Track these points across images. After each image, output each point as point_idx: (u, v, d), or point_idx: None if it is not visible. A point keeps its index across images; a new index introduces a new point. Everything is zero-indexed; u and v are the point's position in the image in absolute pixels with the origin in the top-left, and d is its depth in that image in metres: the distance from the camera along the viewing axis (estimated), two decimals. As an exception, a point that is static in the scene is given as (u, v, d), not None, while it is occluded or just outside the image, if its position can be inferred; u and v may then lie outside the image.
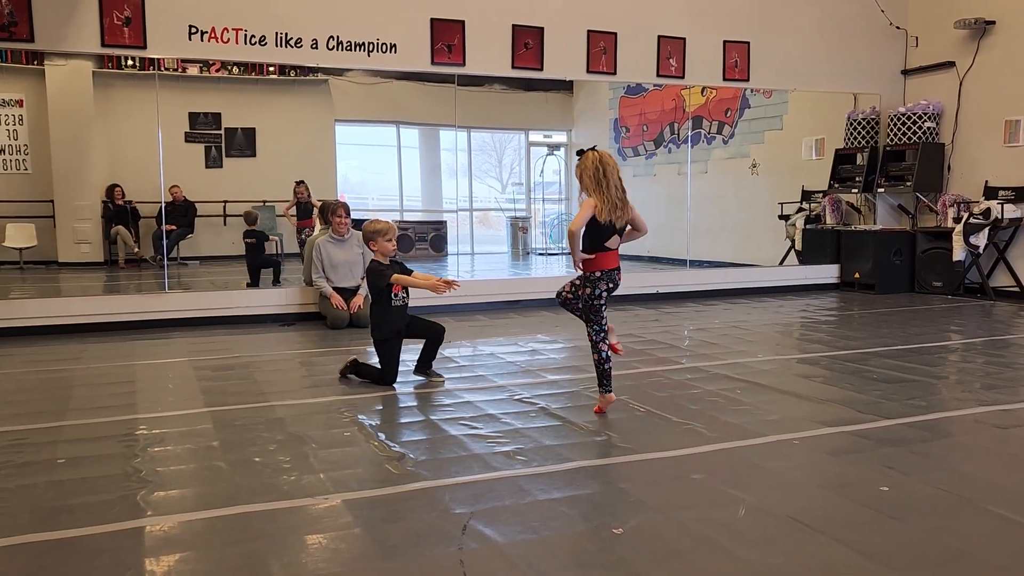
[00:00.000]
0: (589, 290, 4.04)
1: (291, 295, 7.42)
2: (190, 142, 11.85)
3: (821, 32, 9.32)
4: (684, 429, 3.76)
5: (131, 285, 9.90)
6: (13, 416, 4.07)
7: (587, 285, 4.05)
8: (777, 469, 3.21)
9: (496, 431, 3.76)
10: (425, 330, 4.80)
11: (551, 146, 14.56)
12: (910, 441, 3.57)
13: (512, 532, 2.60)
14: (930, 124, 9.29)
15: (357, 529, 2.64)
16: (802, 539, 2.55)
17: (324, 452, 3.44)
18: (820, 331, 6.76)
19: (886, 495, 2.92)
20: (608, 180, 3.91)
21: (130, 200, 10.93)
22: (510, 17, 7.90)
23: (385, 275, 4.61)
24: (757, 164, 11.22)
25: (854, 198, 9.97)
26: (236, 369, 5.23)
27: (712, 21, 8.77)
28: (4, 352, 5.85)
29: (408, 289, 4.77)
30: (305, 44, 7.22)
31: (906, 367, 5.14)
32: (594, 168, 3.94)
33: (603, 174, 3.92)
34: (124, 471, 3.20)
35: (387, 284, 4.61)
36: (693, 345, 6.05)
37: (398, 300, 4.70)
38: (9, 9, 6.31)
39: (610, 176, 3.92)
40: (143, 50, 6.78)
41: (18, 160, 11.20)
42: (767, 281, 9.47)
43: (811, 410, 4.12)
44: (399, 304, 4.72)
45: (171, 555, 2.45)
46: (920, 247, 9.30)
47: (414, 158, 13.78)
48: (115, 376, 5.04)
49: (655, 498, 2.89)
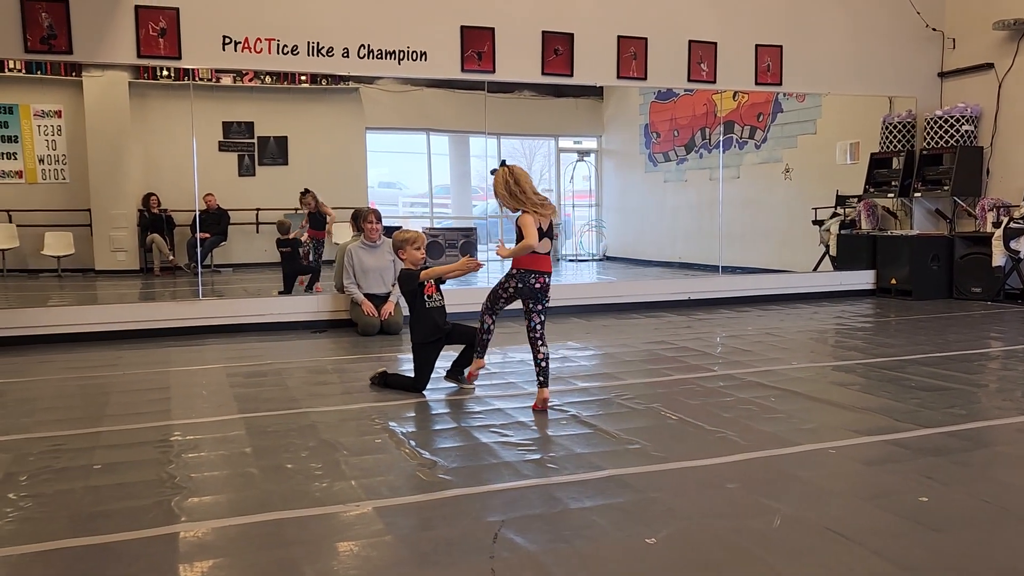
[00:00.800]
0: (502, 280, 4.37)
1: (322, 302, 7.47)
2: (224, 151, 12.02)
3: (855, 35, 9.21)
4: (717, 437, 3.72)
5: (166, 292, 10.04)
6: (52, 422, 4.14)
7: (504, 277, 4.37)
8: (813, 479, 3.15)
9: (527, 439, 3.74)
10: (466, 336, 4.78)
11: (581, 152, 14.53)
12: (950, 451, 3.49)
13: (544, 541, 2.58)
14: (968, 127, 9.13)
15: (389, 536, 2.64)
16: (839, 551, 2.50)
17: (356, 459, 3.45)
18: (856, 338, 6.66)
19: (926, 506, 2.85)
20: (522, 187, 4.15)
21: (165, 208, 11.10)
22: (540, 24, 7.90)
23: (413, 276, 4.61)
24: (790, 169, 11.10)
25: (890, 203, 9.82)
26: (268, 376, 5.27)
27: (744, 25, 8.70)
28: (43, 358, 5.96)
29: (442, 290, 4.77)
30: (336, 53, 7.29)
31: (945, 375, 5.04)
32: (504, 182, 4.17)
33: (515, 183, 4.16)
34: (159, 477, 3.23)
35: (419, 284, 4.61)
36: (726, 352, 5.98)
37: (433, 302, 4.69)
38: (48, 22, 6.44)
39: (523, 184, 4.16)
40: (178, 61, 6.88)
41: (57, 170, 11.43)
42: (801, 287, 9.35)
43: (847, 419, 4.06)
44: (435, 305, 4.70)
45: (205, 561, 2.47)
46: (958, 252, 9.13)
47: (444, 165, 13.84)
48: (150, 382, 5.10)
49: (688, 508, 2.85)
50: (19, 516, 2.83)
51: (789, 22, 8.91)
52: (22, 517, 2.82)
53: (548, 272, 4.30)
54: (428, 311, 4.67)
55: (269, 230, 11.63)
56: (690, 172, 12.78)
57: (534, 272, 4.24)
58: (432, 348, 4.71)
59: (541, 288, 4.27)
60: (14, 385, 5.14)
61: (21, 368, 5.63)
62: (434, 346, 4.73)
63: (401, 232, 4.87)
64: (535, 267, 4.24)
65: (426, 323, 4.67)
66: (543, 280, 4.27)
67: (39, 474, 3.28)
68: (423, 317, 4.67)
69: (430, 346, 4.70)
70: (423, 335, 4.68)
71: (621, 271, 12.80)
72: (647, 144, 13.67)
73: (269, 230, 11.63)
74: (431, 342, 4.70)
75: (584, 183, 14.42)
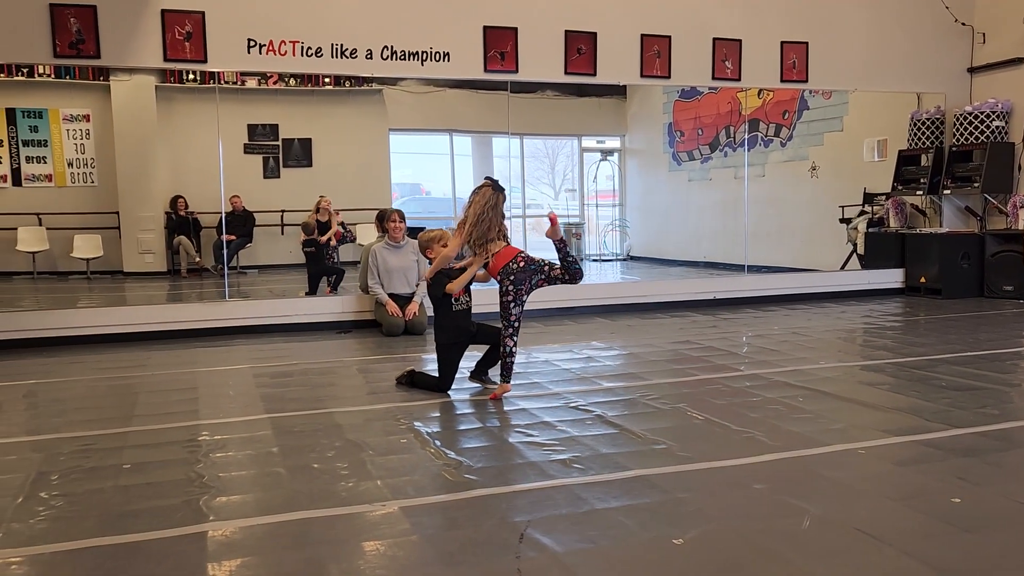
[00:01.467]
0: (501, 294, 4.56)
1: (347, 303, 7.50)
2: (249, 153, 12.11)
3: (883, 30, 9.10)
4: (744, 437, 3.68)
5: (193, 294, 10.13)
6: (83, 422, 4.19)
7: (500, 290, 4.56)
8: (842, 479, 3.11)
9: (552, 439, 3.73)
10: (491, 337, 4.77)
11: (604, 151, 14.48)
12: (983, 451, 3.43)
13: (570, 541, 2.57)
14: (999, 123, 8.99)
15: (415, 536, 2.64)
16: (870, 552, 2.46)
17: (381, 459, 3.46)
18: (884, 337, 6.57)
19: (958, 507, 2.81)
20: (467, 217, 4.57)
21: (192, 211, 11.21)
22: (563, 23, 7.88)
23: (442, 283, 4.61)
24: (817, 167, 10.99)
25: (919, 200, 9.69)
26: (294, 376, 5.30)
27: (769, 21, 8.62)
28: (74, 359, 6.03)
29: (470, 291, 4.77)
30: (360, 55, 7.31)
31: (976, 374, 4.96)
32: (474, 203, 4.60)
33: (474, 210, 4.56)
34: (187, 476, 3.26)
35: (443, 293, 4.61)
36: (752, 352, 5.93)
37: (459, 305, 4.69)
38: (77, 27, 6.53)
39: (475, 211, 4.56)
40: (204, 64, 6.94)
41: (85, 173, 11.58)
42: (828, 286, 9.25)
43: (877, 419, 4.00)
44: (461, 308, 4.69)
45: (233, 560, 2.48)
46: (989, 250, 8.99)
47: (467, 165, 13.85)
48: (178, 383, 5.15)
49: (716, 508, 2.83)
50: (50, 515, 2.87)
51: (815, 18, 8.81)
52: (53, 516, 2.86)
53: (518, 252, 4.53)
54: (454, 314, 4.66)
55: (293, 232, 11.71)
56: (715, 171, 12.69)
57: (509, 261, 4.47)
58: (456, 349, 4.72)
59: (526, 263, 4.49)
60: (45, 385, 5.21)
61: (52, 369, 5.71)
62: (458, 348, 4.73)
63: (426, 232, 4.89)
64: (507, 260, 4.47)
65: (451, 326, 4.67)
66: (521, 259, 4.50)
67: (70, 473, 3.32)
68: (449, 320, 4.67)
69: (454, 347, 4.70)
70: (448, 337, 4.68)
71: (645, 271, 12.74)
72: (671, 143, 13.59)
73: (293, 232, 11.71)
74: (455, 343, 4.70)
75: (607, 183, 14.36)
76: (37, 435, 4.01)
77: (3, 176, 11.35)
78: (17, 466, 3.44)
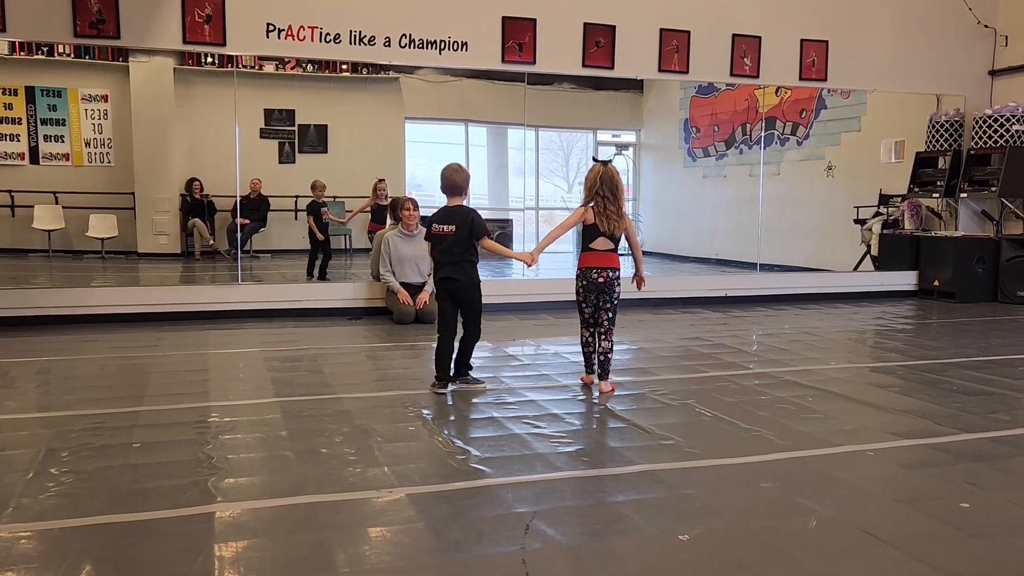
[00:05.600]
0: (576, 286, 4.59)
1: (359, 289, 7.52)
2: (265, 138, 12.15)
3: (904, 31, 9.02)
4: (753, 436, 3.67)
5: (206, 276, 10.18)
6: (94, 400, 4.22)
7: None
8: (850, 480, 3.10)
9: (560, 431, 3.74)
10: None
11: (620, 146, 14.44)
12: (993, 456, 3.42)
13: (575, 534, 2.57)
14: (1019, 127, 8.90)
15: (420, 524, 2.65)
16: (877, 554, 2.46)
17: (389, 445, 3.47)
18: (896, 339, 6.54)
19: (967, 512, 2.80)
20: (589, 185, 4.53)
21: (207, 194, 11.25)
22: (582, 15, 7.85)
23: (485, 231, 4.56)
24: (833, 166, 10.93)
25: (935, 203, 9.62)
26: (304, 361, 5.32)
27: (789, 19, 8.56)
28: (87, 338, 6.08)
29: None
30: (378, 42, 7.31)
31: (988, 379, 4.92)
32: (591, 177, 4.56)
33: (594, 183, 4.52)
34: (196, 457, 3.28)
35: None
36: (762, 350, 5.91)
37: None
38: (98, 7, 6.55)
39: (593, 185, 4.51)
40: (223, 47, 6.95)
41: (102, 153, 11.65)
42: (841, 287, 9.21)
43: (886, 421, 3.99)
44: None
45: (240, 541, 2.50)
46: (1004, 255, 8.92)
47: (482, 156, 13.84)
48: (190, 364, 5.18)
49: (722, 505, 2.82)
50: (60, 491, 2.89)
51: (836, 17, 8.74)
52: (63, 492, 2.88)
53: (610, 267, 4.46)
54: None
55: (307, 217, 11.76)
56: (729, 168, 12.64)
57: (595, 268, 4.45)
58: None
59: (605, 283, 4.44)
60: (58, 363, 5.25)
61: (65, 346, 5.75)
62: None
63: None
64: (593, 264, 4.46)
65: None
66: (606, 275, 4.44)
67: (80, 451, 3.35)
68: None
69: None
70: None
71: (657, 266, 12.70)
72: (686, 139, 13.54)
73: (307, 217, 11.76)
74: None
75: (622, 177, 14.34)
76: (49, 412, 4.04)
77: (21, 154, 11.43)
78: (28, 442, 3.47)
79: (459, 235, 4.44)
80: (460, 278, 4.48)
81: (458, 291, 4.50)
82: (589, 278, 4.46)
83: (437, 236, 4.51)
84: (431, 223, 4.55)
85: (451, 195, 4.54)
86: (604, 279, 4.44)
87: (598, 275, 4.44)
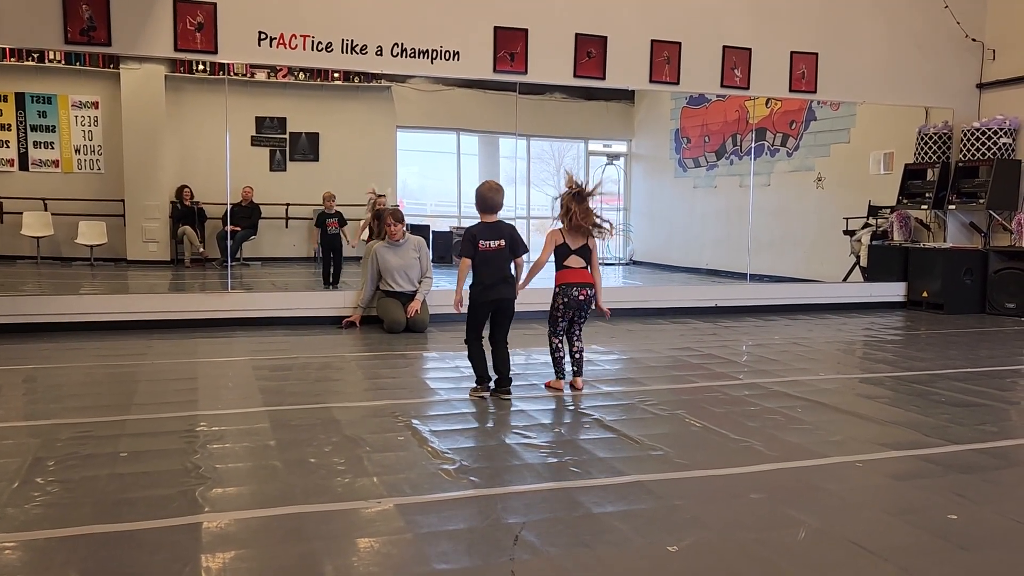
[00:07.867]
0: (553, 301, 4.73)
1: (349, 298, 7.50)
2: (256, 145, 12.12)
3: (893, 44, 9.09)
4: (742, 446, 3.68)
5: (195, 284, 10.14)
6: (81, 408, 4.19)
7: (553, 296, 4.73)
8: (839, 492, 3.11)
9: (549, 441, 3.73)
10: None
11: (611, 156, 14.47)
12: (981, 468, 3.43)
13: (564, 544, 2.57)
14: (1006, 140, 8.98)
15: (408, 534, 2.64)
16: (865, 566, 2.46)
17: (378, 455, 3.46)
18: (885, 350, 6.57)
19: (955, 524, 2.80)
20: (566, 208, 4.58)
21: (197, 201, 11.21)
22: (573, 26, 7.88)
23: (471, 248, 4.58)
24: (822, 178, 10.98)
25: (923, 215, 9.68)
26: (294, 370, 5.31)
27: (779, 31, 8.62)
28: (74, 346, 6.04)
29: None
30: (370, 51, 7.32)
31: (976, 391, 4.95)
32: (565, 199, 4.62)
33: (567, 204, 4.58)
34: (184, 466, 3.26)
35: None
36: (752, 361, 5.93)
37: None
38: (89, 14, 6.53)
39: (569, 207, 4.57)
40: (214, 55, 6.95)
41: (92, 160, 11.59)
42: (830, 298, 9.25)
43: (875, 432, 4.00)
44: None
45: (227, 552, 2.48)
46: (992, 267, 8.98)
47: (473, 165, 13.84)
48: (178, 373, 5.15)
49: (711, 517, 2.82)
50: (46, 501, 2.87)
51: (825, 30, 8.81)
52: (48, 502, 2.86)
53: (588, 284, 4.64)
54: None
55: (298, 225, 11.74)
56: (720, 178, 12.68)
57: (575, 285, 4.63)
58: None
59: (585, 300, 4.63)
60: (45, 371, 5.21)
61: (52, 354, 5.71)
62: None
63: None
64: (572, 280, 4.62)
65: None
66: (585, 292, 4.62)
67: (66, 460, 3.32)
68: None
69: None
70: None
71: (648, 276, 12.73)
72: (677, 149, 13.58)
73: (298, 225, 11.74)
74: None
75: (612, 187, 14.35)
76: (35, 420, 4.01)
77: (10, 160, 11.36)
78: (14, 451, 3.44)
79: (507, 251, 4.54)
80: (511, 296, 4.58)
81: (508, 308, 4.59)
82: (570, 295, 4.63)
83: (485, 253, 4.49)
84: (476, 239, 4.48)
85: (489, 213, 4.57)
86: (584, 296, 4.64)
87: (579, 292, 4.63)
